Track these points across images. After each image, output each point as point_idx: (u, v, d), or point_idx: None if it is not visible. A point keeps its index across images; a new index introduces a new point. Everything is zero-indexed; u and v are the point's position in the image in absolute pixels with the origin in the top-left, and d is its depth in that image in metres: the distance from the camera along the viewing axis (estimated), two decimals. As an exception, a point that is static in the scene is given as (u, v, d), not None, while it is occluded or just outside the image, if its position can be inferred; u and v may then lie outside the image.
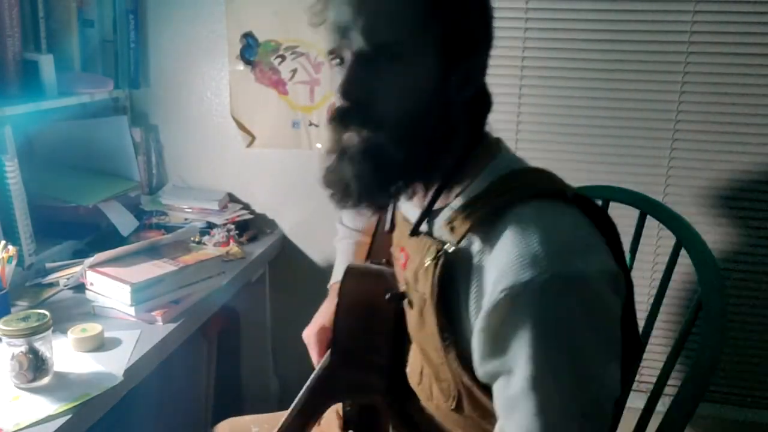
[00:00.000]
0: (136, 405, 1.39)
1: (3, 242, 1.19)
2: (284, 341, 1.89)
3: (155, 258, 1.31)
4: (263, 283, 1.82)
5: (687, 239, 1.00)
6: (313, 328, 1.05)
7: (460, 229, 0.72)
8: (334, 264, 1.19)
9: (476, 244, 0.71)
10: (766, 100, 1.55)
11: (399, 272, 0.88)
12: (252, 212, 1.84)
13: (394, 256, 0.91)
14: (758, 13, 1.50)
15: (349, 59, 0.71)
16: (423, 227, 0.80)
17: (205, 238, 1.64)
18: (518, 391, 0.66)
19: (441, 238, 0.75)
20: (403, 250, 0.84)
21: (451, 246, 0.72)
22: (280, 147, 1.80)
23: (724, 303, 0.91)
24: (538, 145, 1.64)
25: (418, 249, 0.77)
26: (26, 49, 1.42)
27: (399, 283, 0.88)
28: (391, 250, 0.93)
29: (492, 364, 0.69)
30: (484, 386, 0.73)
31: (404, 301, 0.82)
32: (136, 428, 1.52)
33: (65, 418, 0.92)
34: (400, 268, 0.85)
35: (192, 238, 1.58)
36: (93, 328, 1.13)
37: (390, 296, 0.84)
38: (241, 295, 1.59)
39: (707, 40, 1.54)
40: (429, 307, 0.74)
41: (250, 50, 1.75)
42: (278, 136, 1.79)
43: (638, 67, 1.59)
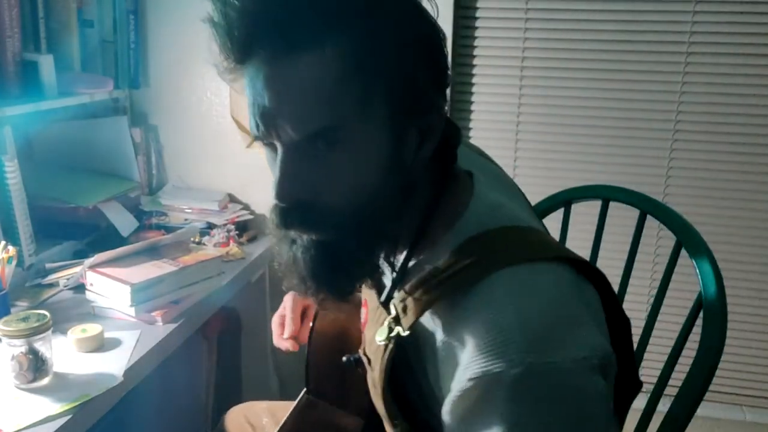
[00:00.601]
0: (136, 405, 1.39)
1: (3, 243, 1.19)
2: (284, 341, 1.89)
3: (155, 258, 1.31)
4: (263, 284, 1.81)
5: (687, 239, 1.00)
6: (285, 302, 1.02)
7: (411, 313, 0.63)
8: None
9: (437, 324, 0.63)
10: (766, 100, 1.55)
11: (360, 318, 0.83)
12: (252, 212, 1.84)
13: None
14: (758, 13, 1.50)
15: (280, 150, 0.61)
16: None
17: (205, 239, 1.64)
18: None
19: (392, 314, 0.66)
20: (365, 305, 0.76)
21: (402, 330, 0.63)
22: (280, 147, 1.80)
23: (724, 303, 0.91)
24: (538, 145, 1.64)
25: (374, 316, 0.70)
26: (26, 50, 1.42)
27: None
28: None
29: None
30: None
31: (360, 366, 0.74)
32: (136, 429, 1.52)
33: (65, 419, 0.92)
34: (361, 320, 0.79)
35: (192, 239, 1.58)
36: (93, 328, 1.13)
37: (346, 360, 0.75)
38: (241, 295, 1.59)
39: (707, 40, 1.54)
40: (379, 385, 0.68)
41: (250, 50, 1.75)
42: (278, 137, 1.79)
43: (638, 67, 1.59)
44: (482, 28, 1.65)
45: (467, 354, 0.59)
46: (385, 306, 0.69)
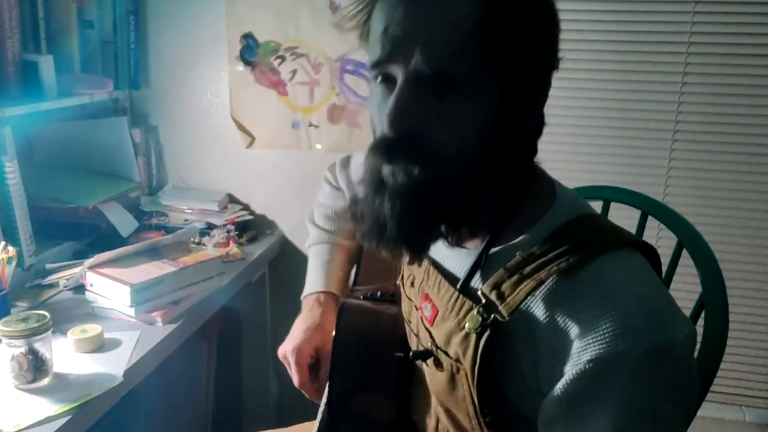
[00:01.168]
0: (136, 406, 1.39)
1: (3, 243, 1.19)
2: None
3: (155, 259, 1.31)
4: (263, 284, 1.81)
5: (688, 239, 1.00)
6: (288, 345, 0.97)
7: (513, 298, 0.62)
8: (308, 271, 1.10)
9: (540, 307, 0.63)
10: (766, 101, 1.55)
11: (410, 313, 0.80)
12: (252, 213, 1.84)
13: (407, 295, 0.82)
14: (758, 13, 1.50)
15: (400, 80, 0.61)
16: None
17: (205, 239, 1.64)
18: None
19: (482, 301, 0.65)
20: (428, 299, 0.74)
21: (500, 316, 0.63)
22: (280, 148, 1.80)
23: (725, 303, 0.91)
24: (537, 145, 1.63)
25: (453, 307, 0.69)
26: (26, 50, 1.42)
27: (411, 327, 0.80)
28: (400, 284, 0.85)
29: (561, 428, 0.62)
30: None
31: (428, 360, 0.73)
32: (136, 429, 1.52)
33: (65, 419, 0.92)
34: (422, 317, 0.75)
35: (192, 239, 1.58)
36: (93, 329, 1.13)
37: (413, 354, 0.73)
38: (241, 295, 1.59)
39: (707, 40, 1.54)
40: (463, 376, 0.67)
41: (250, 51, 1.75)
42: (278, 137, 1.79)
43: (638, 67, 1.59)
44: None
45: (583, 336, 0.59)
46: (466, 294, 0.68)
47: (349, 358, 0.84)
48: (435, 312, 0.72)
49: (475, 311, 0.65)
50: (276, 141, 1.80)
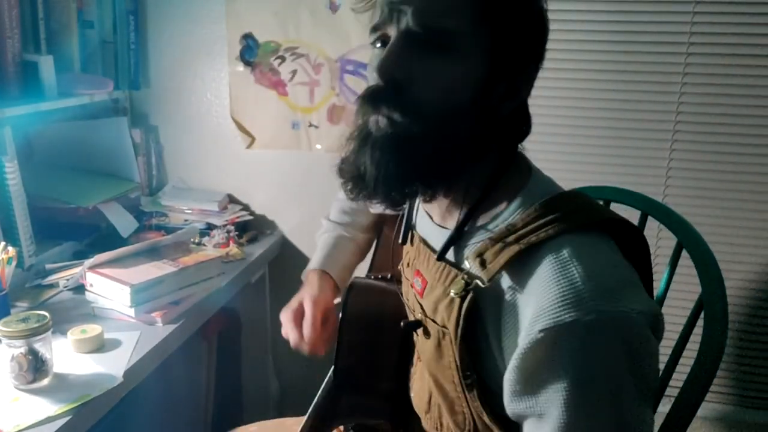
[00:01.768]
0: (135, 406, 1.39)
1: (3, 243, 1.19)
2: (284, 342, 1.88)
3: (155, 259, 1.31)
4: (263, 284, 1.81)
5: (688, 240, 1.00)
6: (290, 307, 1.03)
7: (493, 264, 0.66)
8: (314, 253, 1.14)
9: (506, 279, 0.67)
10: (766, 101, 1.55)
11: (408, 293, 0.84)
12: (252, 213, 1.84)
13: (405, 276, 0.86)
14: (758, 13, 1.50)
15: (394, 37, 0.67)
16: (447, 254, 0.74)
17: (205, 239, 1.64)
18: None
19: (467, 269, 0.69)
20: (419, 274, 0.78)
21: (481, 282, 0.67)
22: (280, 148, 1.80)
23: (724, 303, 0.91)
24: (537, 145, 1.63)
25: (440, 277, 0.73)
26: (26, 50, 1.42)
27: (407, 303, 0.85)
28: (400, 268, 0.89)
29: (523, 404, 0.64)
30: (505, 424, 0.69)
31: (418, 330, 0.78)
32: (136, 429, 1.52)
33: (65, 419, 0.92)
34: (414, 293, 0.80)
35: (192, 239, 1.58)
36: (93, 329, 1.13)
37: (405, 324, 0.79)
38: (241, 296, 1.59)
39: (707, 40, 1.54)
40: (449, 341, 0.71)
41: (250, 51, 1.75)
42: (278, 137, 1.79)
43: (638, 67, 1.59)
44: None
45: (535, 307, 0.62)
46: (450, 264, 0.73)
47: (358, 329, 0.89)
48: (425, 284, 0.76)
49: (459, 277, 0.69)
50: (276, 141, 1.80)
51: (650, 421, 0.64)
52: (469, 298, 0.67)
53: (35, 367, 0.99)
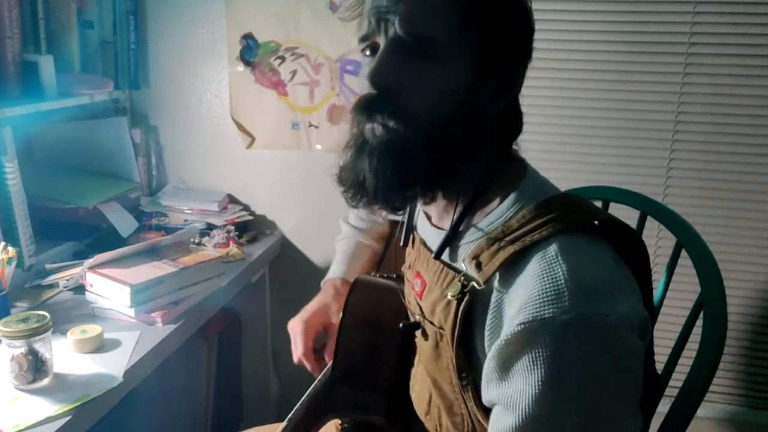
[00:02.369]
0: (136, 406, 1.39)
1: (3, 243, 1.19)
2: (284, 342, 1.86)
3: (155, 259, 1.31)
4: (263, 284, 1.81)
5: (687, 240, 1.00)
6: (300, 318, 1.05)
7: (489, 266, 0.67)
8: (333, 261, 1.18)
9: (496, 279, 0.67)
10: (766, 101, 1.55)
11: (409, 294, 0.85)
12: (252, 213, 1.84)
13: (407, 278, 0.87)
14: (758, 13, 1.50)
15: (383, 46, 0.69)
16: (444, 255, 0.75)
17: (205, 240, 1.64)
18: (513, 428, 0.61)
19: (464, 270, 0.70)
20: (419, 276, 0.79)
21: (477, 284, 0.67)
22: (280, 148, 1.80)
23: (724, 304, 0.91)
24: (537, 145, 1.64)
25: (438, 279, 0.74)
26: (26, 50, 1.42)
27: (409, 305, 0.85)
28: (403, 270, 0.90)
29: (496, 392, 0.64)
30: None
31: (417, 331, 0.79)
32: (135, 430, 1.52)
33: (65, 420, 0.92)
34: (414, 294, 0.81)
35: (192, 240, 1.58)
36: (93, 329, 1.13)
37: (403, 326, 0.80)
38: (241, 296, 1.59)
39: (707, 40, 1.54)
40: (446, 343, 0.71)
41: (249, 51, 1.75)
42: (278, 137, 1.79)
43: (638, 67, 1.59)
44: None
45: (518, 304, 0.63)
46: (447, 265, 0.74)
47: (358, 324, 0.91)
48: (423, 286, 0.77)
49: (456, 279, 0.70)
50: (276, 141, 1.80)
51: (628, 428, 0.63)
52: (465, 301, 0.68)
53: (35, 367, 0.99)
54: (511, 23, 0.70)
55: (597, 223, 0.70)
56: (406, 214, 0.88)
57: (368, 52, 0.72)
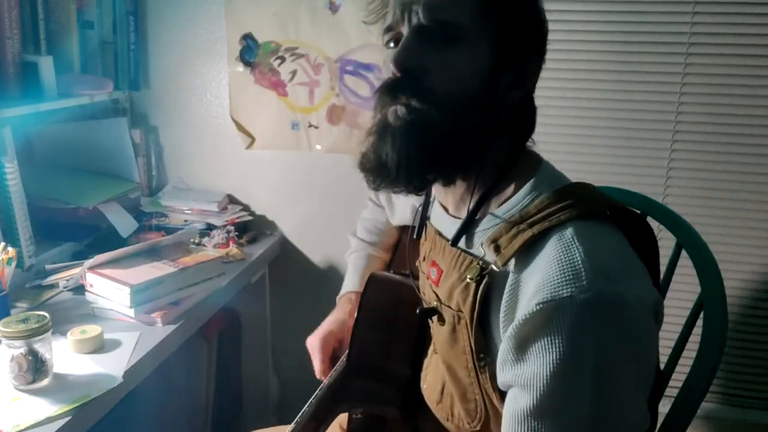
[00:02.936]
0: (135, 407, 1.39)
1: (2, 244, 1.19)
2: (284, 342, 1.89)
3: (155, 259, 1.31)
4: (263, 285, 1.81)
5: (687, 240, 1.00)
6: (318, 335, 1.05)
7: (507, 249, 0.68)
8: (345, 276, 1.18)
9: (513, 262, 0.69)
10: (766, 101, 1.55)
11: (424, 285, 0.86)
12: (252, 213, 1.84)
13: (422, 270, 0.88)
14: (758, 14, 1.50)
15: (406, 33, 0.71)
16: (460, 242, 0.77)
17: (205, 240, 1.63)
18: (530, 408, 0.62)
19: (481, 255, 0.72)
20: (434, 265, 0.81)
21: (496, 266, 0.69)
22: (280, 148, 1.80)
23: (724, 304, 0.91)
24: (537, 145, 1.63)
25: (455, 264, 0.75)
26: (26, 51, 1.42)
27: (424, 296, 0.86)
28: (417, 264, 0.90)
29: (512, 373, 0.65)
30: None
31: (433, 317, 0.80)
32: (136, 430, 1.52)
33: (65, 420, 0.92)
34: (430, 283, 0.82)
35: (192, 240, 1.58)
36: (92, 329, 1.13)
37: (420, 311, 0.81)
38: (241, 296, 1.59)
39: (707, 41, 1.54)
40: (464, 325, 0.73)
41: (249, 52, 1.75)
42: (278, 138, 1.79)
43: (638, 68, 1.59)
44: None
45: (534, 284, 0.64)
46: (464, 251, 0.75)
47: (374, 317, 0.93)
48: (440, 273, 0.79)
49: (475, 263, 0.72)
50: (276, 141, 1.80)
51: (642, 407, 0.65)
52: (484, 282, 0.70)
53: (35, 367, 0.99)
54: (529, 14, 0.73)
55: (609, 213, 0.71)
56: (420, 209, 0.90)
57: (392, 44, 0.74)
